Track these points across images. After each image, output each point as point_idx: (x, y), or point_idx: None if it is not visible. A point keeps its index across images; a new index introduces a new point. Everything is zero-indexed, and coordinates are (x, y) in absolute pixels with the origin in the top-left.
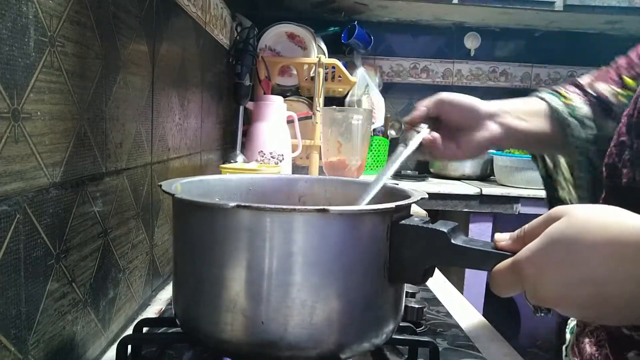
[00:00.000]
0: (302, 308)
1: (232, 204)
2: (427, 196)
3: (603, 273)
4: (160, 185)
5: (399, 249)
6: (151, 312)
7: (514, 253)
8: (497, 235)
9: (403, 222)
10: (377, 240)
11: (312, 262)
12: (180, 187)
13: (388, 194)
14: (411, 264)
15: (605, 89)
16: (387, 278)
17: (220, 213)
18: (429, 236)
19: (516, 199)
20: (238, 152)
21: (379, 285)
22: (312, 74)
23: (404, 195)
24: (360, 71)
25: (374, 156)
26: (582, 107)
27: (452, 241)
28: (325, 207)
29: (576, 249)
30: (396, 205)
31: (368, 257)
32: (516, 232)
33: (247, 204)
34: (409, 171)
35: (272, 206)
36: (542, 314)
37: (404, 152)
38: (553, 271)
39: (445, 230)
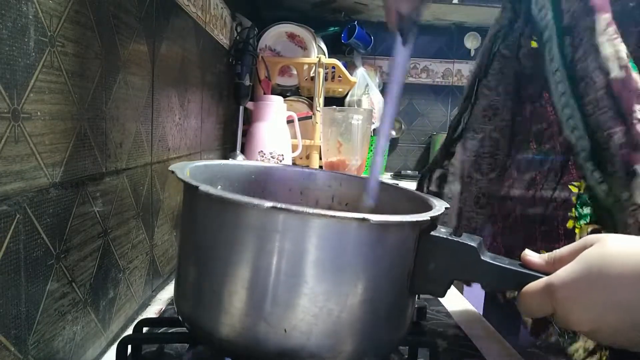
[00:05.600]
0: (328, 316)
1: (268, 204)
2: (449, 206)
3: (635, 300)
4: (173, 172)
5: (426, 261)
6: (151, 312)
7: (542, 274)
8: (527, 252)
9: (432, 233)
10: (406, 250)
11: (345, 270)
12: (190, 172)
13: (405, 198)
14: (436, 276)
15: None
16: (408, 288)
17: (253, 212)
18: (458, 250)
19: None
20: (238, 152)
21: (400, 296)
22: (312, 74)
23: (422, 201)
24: (360, 71)
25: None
26: None
27: (482, 257)
28: (365, 216)
29: (609, 276)
30: (431, 217)
31: (396, 267)
32: (547, 254)
33: (283, 206)
34: (409, 171)
35: (310, 210)
36: (568, 338)
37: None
38: (587, 296)
39: (474, 245)
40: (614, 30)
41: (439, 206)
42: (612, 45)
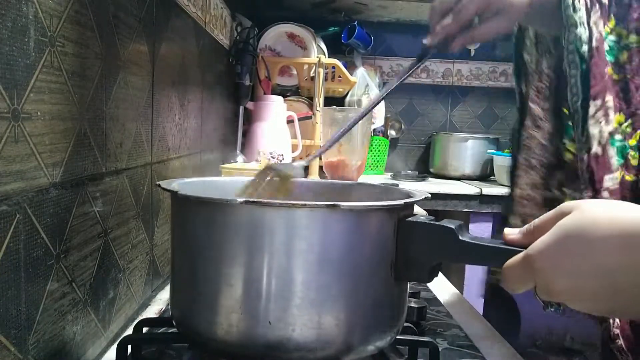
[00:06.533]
0: (310, 307)
1: (240, 199)
2: (430, 196)
3: (614, 264)
4: (159, 185)
5: (406, 246)
6: (151, 312)
7: (523, 247)
8: (507, 230)
9: (410, 219)
10: (384, 237)
11: (322, 259)
12: (178, 187)
13: (390, 194)
14: (418, 261)
15: None
16: (393, 276)
17: (228, 209)
18: (437, 233)
19: None
20: (238, 152)
21: (385, 284)
22: (312, 74)
23: (406, 195)
24: (360, 71)
25: (374, 156)
26: None
27: (460, 237)
28: (335, 203)
29: (587, 240)
30: (404, 202)
31: (376, 255)
32: (525, 226)
33: (255, 200)
34: (409, 171)
35: (282, 202)
36: (552, 310)
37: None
38: (565, 263)
39: (453, 227)
40: (602, 115)
41: (419, 195)
42: (597, 126)
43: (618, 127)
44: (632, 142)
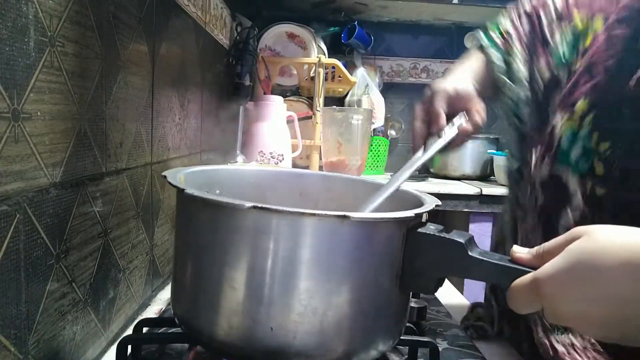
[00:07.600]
0: (313, 315)
1: (248, 204)
2: (440, 204)
3: (623, 292)
4: (165, 177)
5: (413, 258)
6: (151, 312)
7: (531, 268)
8: (515, 248)
9: (419, 230)
10: (392, 248)
11: (327, 268)
12: (184, 177)
13: (397, 198)
14: (424, 273)
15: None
16: (398, 286)
17: (235, 213)
18: (445, 246)
19: None
20: (238, 152)
21: (390, 294)
22: (312, 74)
23: (415, 199)
24: (360, 71)
25: (374, 156)
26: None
27: (469, 253)
28: (346, 214)
29: (597, 267)
30: (415, 214)
31: (382, 265)
32: (535, 248)
33: (263, 205)
34: None
35: (290, 209)
36: (559, 333)
37: (424, 156)
38: (574, 289)
39: (462, 241)
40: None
41: (429, 203)
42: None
43: (580, 118)
44: (602, 147)
